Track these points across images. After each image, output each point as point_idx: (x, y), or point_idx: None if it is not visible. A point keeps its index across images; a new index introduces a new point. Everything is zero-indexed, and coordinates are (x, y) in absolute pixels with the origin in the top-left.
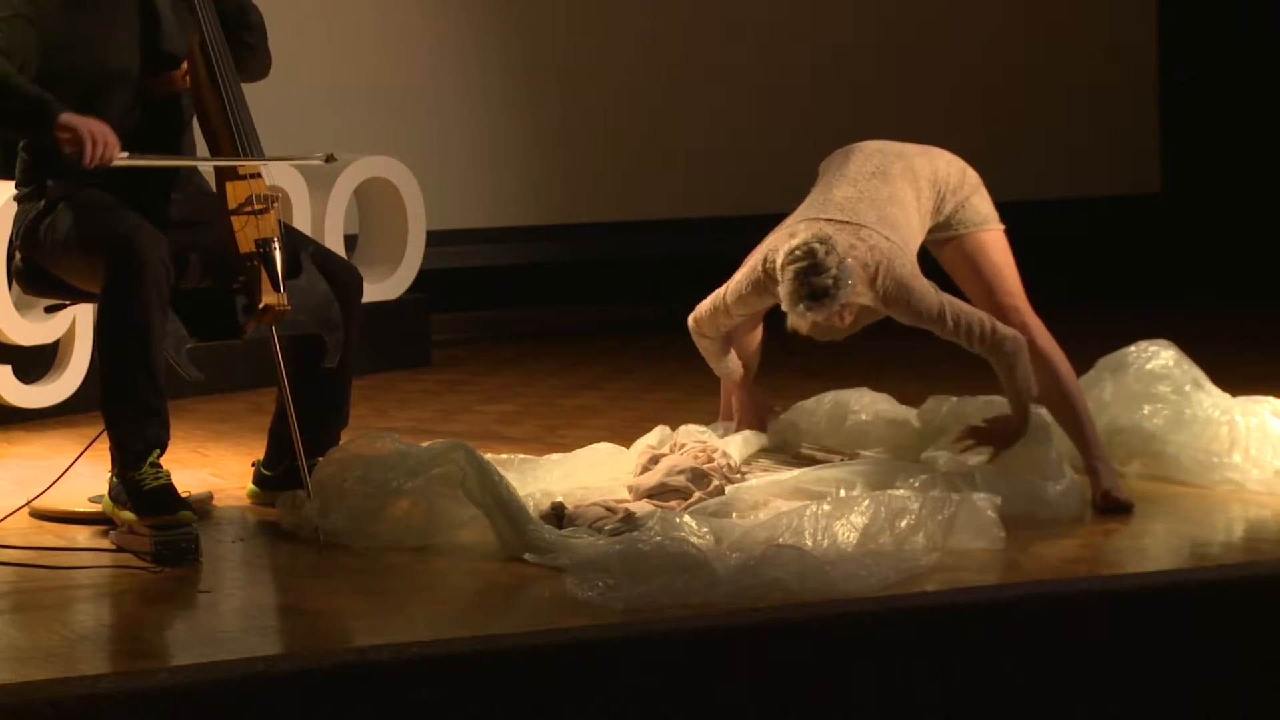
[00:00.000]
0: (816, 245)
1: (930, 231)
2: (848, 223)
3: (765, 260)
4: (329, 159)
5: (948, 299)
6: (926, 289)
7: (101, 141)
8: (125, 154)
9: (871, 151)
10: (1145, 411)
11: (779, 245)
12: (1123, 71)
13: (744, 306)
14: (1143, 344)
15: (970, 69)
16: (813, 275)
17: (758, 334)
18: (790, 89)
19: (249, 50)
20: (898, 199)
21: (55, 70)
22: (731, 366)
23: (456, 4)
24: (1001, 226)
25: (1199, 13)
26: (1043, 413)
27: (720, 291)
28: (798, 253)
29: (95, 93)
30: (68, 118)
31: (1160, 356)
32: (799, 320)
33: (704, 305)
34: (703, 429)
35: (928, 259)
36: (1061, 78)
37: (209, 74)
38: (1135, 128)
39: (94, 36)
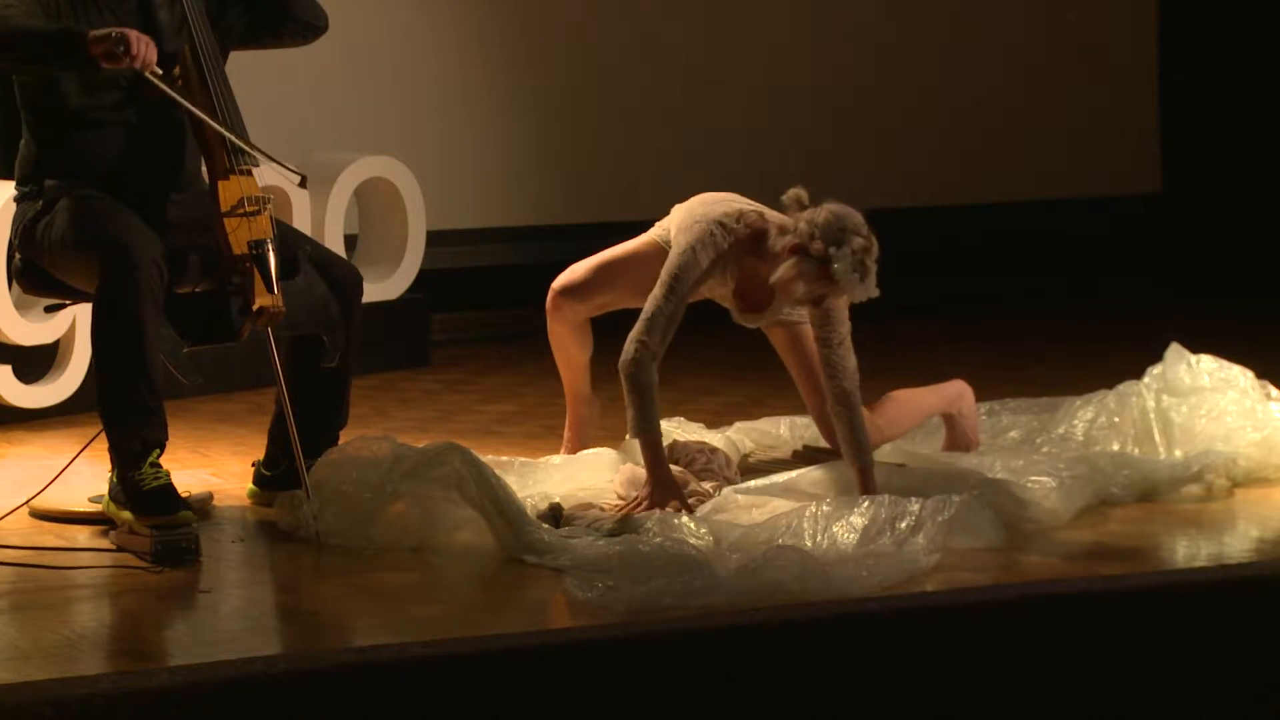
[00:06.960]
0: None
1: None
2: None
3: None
4: (302, 183)
5: (674, 291)
6: (691, 259)
7: (146, 41)
8: (160, 70)
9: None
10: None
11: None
12: (1123, 71)
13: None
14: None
15: (970, 70)
16: None
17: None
18: (791, 90)
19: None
20: None
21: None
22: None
23: (457, 4)
24: None
25: (1199, 13)
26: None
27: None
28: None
29: (90, 92)
30: (95, 32)
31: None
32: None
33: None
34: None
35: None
36: (1061, 78)
37: (199, 77)
38: (1135, 128)
39: None
